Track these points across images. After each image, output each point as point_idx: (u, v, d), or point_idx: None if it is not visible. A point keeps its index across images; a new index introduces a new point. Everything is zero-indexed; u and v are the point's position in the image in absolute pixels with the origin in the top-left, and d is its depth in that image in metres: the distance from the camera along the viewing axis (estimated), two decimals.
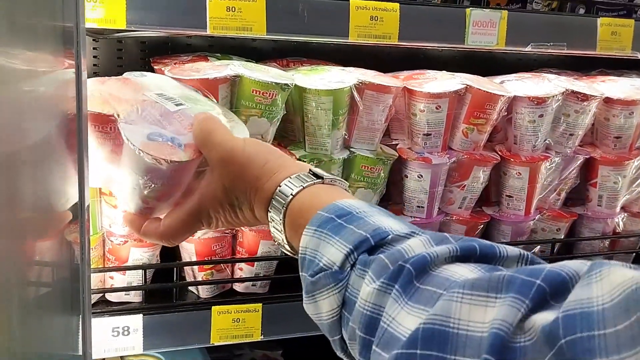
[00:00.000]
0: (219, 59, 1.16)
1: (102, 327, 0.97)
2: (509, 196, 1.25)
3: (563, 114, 1.22)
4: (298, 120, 1.10)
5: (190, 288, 1.09)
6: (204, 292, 1.07)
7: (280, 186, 0.61)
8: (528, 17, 1.11)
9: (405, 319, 0.45)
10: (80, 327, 0.86)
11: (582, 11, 1.23)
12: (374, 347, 0.47)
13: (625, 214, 1.33)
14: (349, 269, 0.51)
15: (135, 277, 1.02)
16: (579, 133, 1.24)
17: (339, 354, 0.55)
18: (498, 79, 1.26)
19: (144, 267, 1.01)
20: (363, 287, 0.49)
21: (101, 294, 1.03)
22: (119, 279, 1.02)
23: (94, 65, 1.35)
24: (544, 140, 1.22)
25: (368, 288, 0.48)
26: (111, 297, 1.03)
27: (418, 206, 1.19)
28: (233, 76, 0.90)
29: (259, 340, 1.06)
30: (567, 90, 1.19)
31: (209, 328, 1.02)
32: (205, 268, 1.06)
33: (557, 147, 1.24)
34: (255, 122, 0.97)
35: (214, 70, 0.89)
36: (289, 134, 1.16)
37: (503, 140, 1.27)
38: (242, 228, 1.07)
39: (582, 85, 1.23)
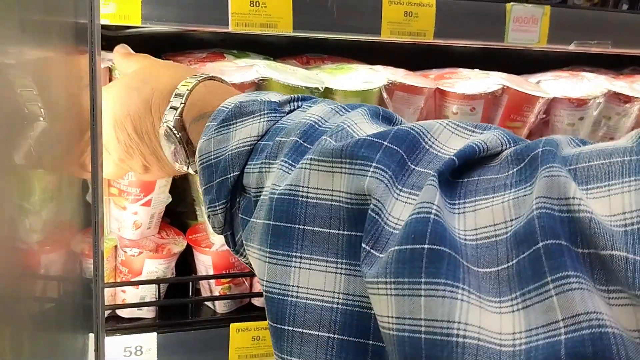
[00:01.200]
0: (236, 56, 1.09)
1: (113, 347, 0.90)
2: None
3: (604, 116, 1.14)
4: None
5: (206, 303, 1.02)
6: (221, 307, 1.00)
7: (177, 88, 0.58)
8: (571, 13, 1.03)
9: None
10: (93, 346, 0.80)
11: (625, 7, 1.15)
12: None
13: None
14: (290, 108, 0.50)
15: (149, 292, 0.95)
16: (619, 136, 1.16)
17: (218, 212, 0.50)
18: (534, 77, 1.18)
19: (158, 282, 0.94)
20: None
21: (112, 310, 0.96)
22: (131, 293, 0.95)
23: None
24: None
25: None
26: (123, 312, 0.96)
27: None
28: (260, 80, 0.82)
29: None
30: (608, 91, 1.11)
31: (227, 347, 0.95)
32: (223, 282, 0.99)
33: None
34: None
35: (239, 72, 0.82)
36: None
37: None
38: None
39: (623, 85, 1.15)
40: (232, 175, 0.47)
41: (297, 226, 0.40)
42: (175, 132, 0.56)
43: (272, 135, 0.46)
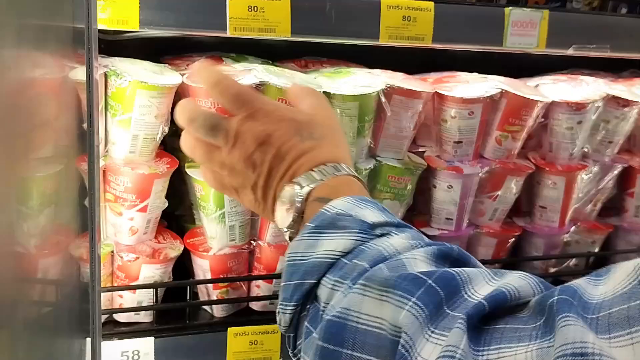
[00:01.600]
0: (235, 60, 1.08)
1: (110, 351, 0.90)
2: (543, 207, 1.17)
3: (603, 120, 1.14)
4: None
5: (204, 307, 1.02)
6: (218, 311, 1.00)
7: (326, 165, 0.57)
8: (570, 17, 1.03)
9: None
10: (90, 351, 0.80)
11: (624, 10, 1.15)
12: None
13: None
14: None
15: (145, 296, 0.95)
16: (619, 140, 1.16)
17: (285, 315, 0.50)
18: (532, 81, 1.18)
19: (155, 286, 0.94)
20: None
21: (109, 314, 0.95)
22: (128, 298, 0.94)
23: None
24: (582, 148, 1.14)
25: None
26: (120, 317, 0.96)
27: (447, 218, 1.11)
28: (258, 84, 0.82)
29: None
30: (607, 95, 1.11)
31: (225, 351, 0.95)
32: (221, 286, 0.98)
33: (595, 156, 1.17)
34: None
35: (237, 76, 0.81)
36: None
37: (536, 147, 1.19)
38: (260, 243, 0.99)
39: (622, 89, 1.15)
40: (309, 282, 0.48)
41: (345, 351, 0.42)
42: (299, 198, 0.55)
43: (353, 256, 0.47)
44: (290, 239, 0.57)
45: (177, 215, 1.11)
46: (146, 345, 0.92)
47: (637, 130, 1.21)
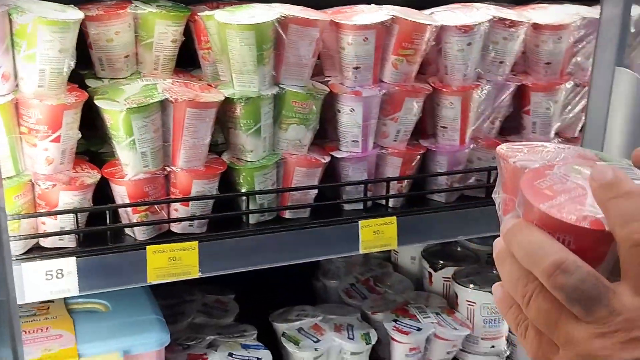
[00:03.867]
0: (144, 2, 1.14)
1: (35, 271, 0.97)
2: (444, 127, 1.27)
3: (492, 41, 1.23)
4: (225, 59, 1.09)
5: (126, 232, 1.09)
6: (140, 234, 1.07)
7: None
8: None
9: None
10: None
11: None
12: None
13: (560, 140, 1.36)
14: None
15: (67, 222, 1.02)
16: (509, 60, 1.26)
17: None
18: (428, 11, 1.26)
19: (75, 211, 1.01)
20: None
21: (35, 241, 1.03)
22: (51, 224, 1.02)
23: None
24: (475, 69, 1.23)
25: None
26: (45, 242, 1.03)
27: (353, 140, 1.20)
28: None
29: (197, 277, 1.07)
30: (494, 17, 1.20)
31: (145, 268, 1.03)
32: (140, 210, 1.06)
33: (488, 76, 1.26)
34: None
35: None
36: (220, 75, 1.16)
37: (436, 72, 1.27)
38: (174, 168, 1.07)
39: (510, 12, 1.24)
40: None
41: None
42: None
43: None
44: None
45: (99, 153, 1.18)
46: (69, 264, 0.99)
47: (529, 51, 1.30)
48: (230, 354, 1.26)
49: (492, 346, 1.46)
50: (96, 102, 1.00)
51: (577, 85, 1.30)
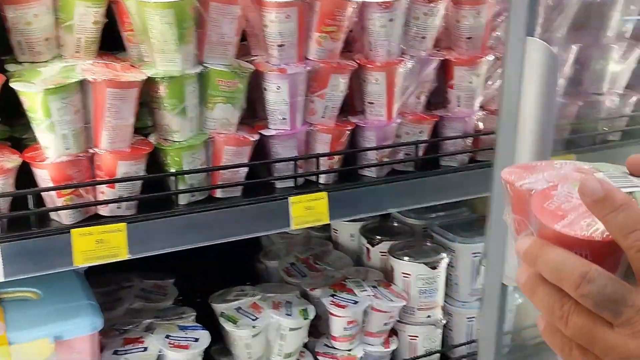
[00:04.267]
0: None
1: None
2: (371, 103, 1.29)
3: (413, 17, 1.26)
4: (146, 39, 1.09)
5: (53, 217, 1.08)
6: (66, 218, 1.06)
7: None
8: None
9: None
10: None
11: None
12: None
13: (484, 113, 1.40)
14: None
15: None
16: (431, 36, 1.29)
17: None
18: None
19: None
20: None
21: None
22: None
23: None
24: (398, 45, 1.26)
25: None
26: None
27: (281, 118, 1.22)
28: None
29: (126, 259, 1.07)
30: None
31: (71, 251, 1.03)
32: (64, 193, 1.05)
33: (412, 51, 1.29)
34: None
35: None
36: (144, 56, 1.15)
37: (361, 49, 1.30)
38: (97, 150, 1.06)
39: None
40: None
41: None
42: None
43: None
44: None
45: (21, 139, 1.16)
46: None
47: (451, 27, 1.34)
48: (168, 336, 1.26)
49: (429, 316, 1.50)
50: (12, 84, 0.99)
51: (498, 58, 1.34)
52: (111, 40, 1.19)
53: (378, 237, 1.59)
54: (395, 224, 1.68)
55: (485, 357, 1.21)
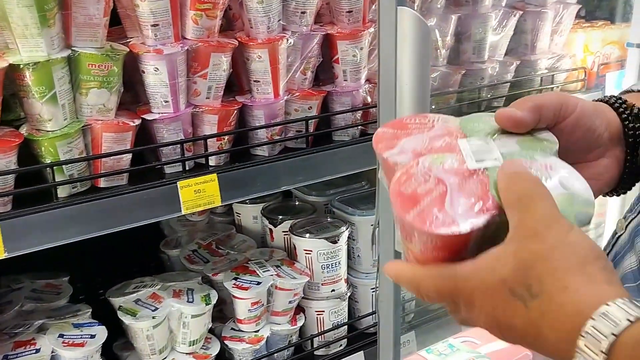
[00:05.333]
0: None
1: None
2: (256, 81, 1.28)
3: None
4: (7, 25, 1.02)
5: None
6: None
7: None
8: None
9: None
10: None
11: None
12: None
13: (370, 85, 1.43)
14: None
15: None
16: (310, 11, 1.29)
17: None
18: None
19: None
20: None
21: None
22: None
23: None
24: (278, 21, 1.25)
25: None
26: None
27: (163, 101, 1.18)
28: None
29: (2, 257, 1.01)
30: None
31: None
32: None
33: (293, 27, 1.29)
34: None
35: None
36: (8, 43, 1.08)
37: (242, 27, 1.28)
38: None
39: None
40: None
41: None
42: None
43: None
44: None
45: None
46: None
47: (333, 2, 1.34)
48: (61, 335, 1.21)
49: (333, 290, 1.52)
50: None
51: None
52: None
53: (280, 216, 1.59)
54: (297, 203, 1.68)
55: (385, 326, 1.23)
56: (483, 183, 0.54)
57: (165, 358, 1.34)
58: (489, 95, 1.63)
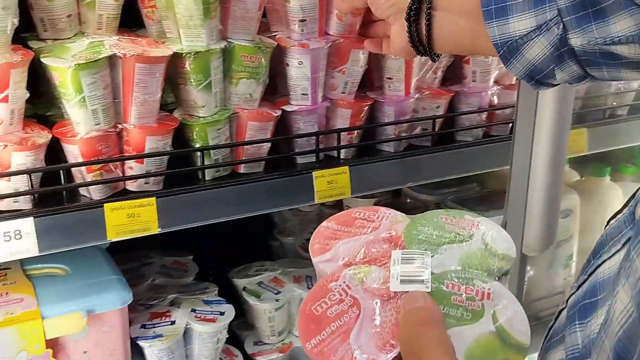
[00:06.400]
0: None
1: None
2: (389, 78, 1.31)
3: None
4: (171, 15, 1.09)
5: (82, 192, 1.09)
6: (95, 193, 1.08)
7: None
8: None
9: None
10: None
11: None
12: None
13: (499, 87, 1.42)
14: None
15: (21, 183, 1.01)
16: None
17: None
18: None
19: (28, 172, 1.00)
20: None
21: None
22: (3, 186, 1.00)
23: None
24: None
25: None
26: (0, 205, 1.02)
27: (302, 94, 1.23)
28: None
29: (157, 232, 1.09)
30: None
31: (104, 225, 1.04)
32: (94, 169, 1.06)
33: None
34: None
35: None
36: (167, 32, 1.15)
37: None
38: (126, 126, 1.07)
39: None
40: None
41: None
42: None
43: None
44: None
45: (48, 117, 1.17)
46: (27, 224, 0.99)
47: None
48: (193, 310, 1.28)
49: None
50: (43, 59, 0.99)
51: None
52: (127, 18, 1.20)
53: None
54: (408, 200, 1.70)
55: None
56: (399, 312, 0.48)
57: (283, 340, 1.39)
58: (614, 103, 1.59)
